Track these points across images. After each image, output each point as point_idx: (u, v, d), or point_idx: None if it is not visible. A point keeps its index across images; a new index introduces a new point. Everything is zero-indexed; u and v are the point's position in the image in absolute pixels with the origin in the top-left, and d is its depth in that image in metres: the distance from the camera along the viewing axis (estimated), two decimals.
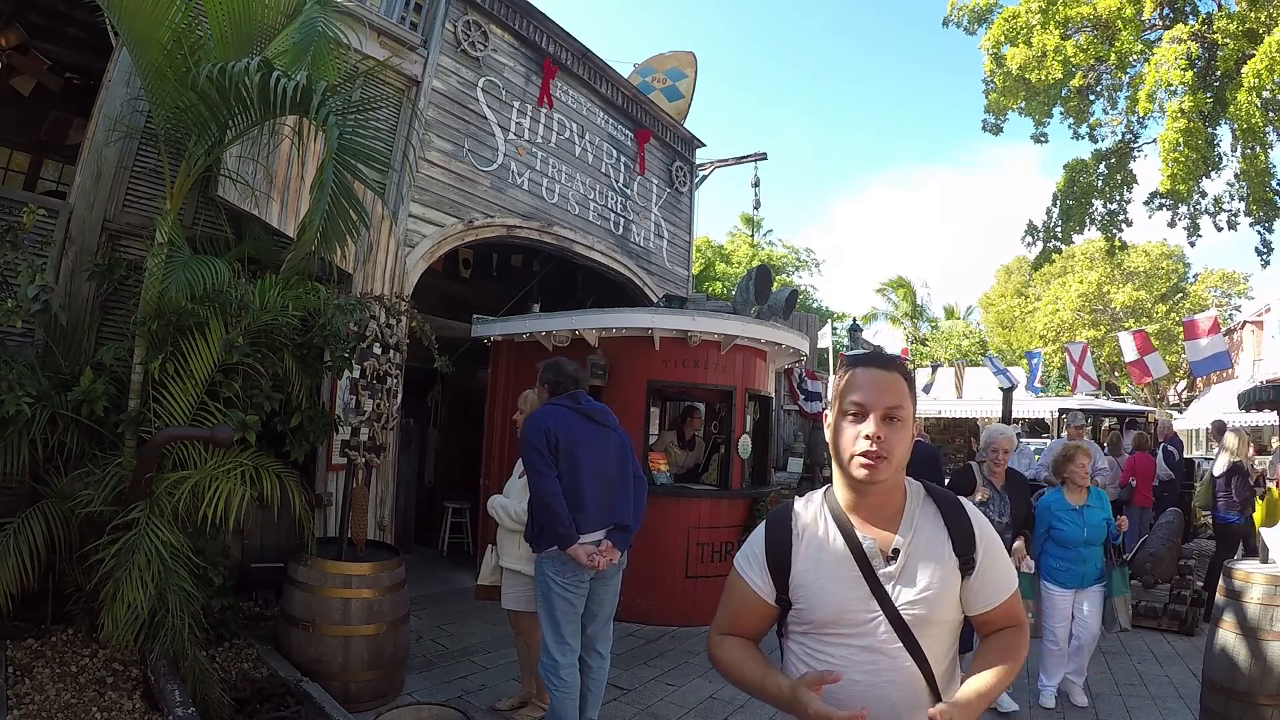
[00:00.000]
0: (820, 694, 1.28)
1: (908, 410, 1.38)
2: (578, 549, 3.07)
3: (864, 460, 1.35)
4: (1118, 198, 12.01)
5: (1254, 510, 6.11)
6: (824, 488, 1.52)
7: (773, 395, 7.02)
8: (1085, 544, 4.10)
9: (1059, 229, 12.33)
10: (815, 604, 1.42)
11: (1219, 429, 9.55)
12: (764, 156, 11.60)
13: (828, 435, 1.44)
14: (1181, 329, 15.42)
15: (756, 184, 12.41)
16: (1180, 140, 9.56)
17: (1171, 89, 9.68)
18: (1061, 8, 10.56)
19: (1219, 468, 6.53)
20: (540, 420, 3.20)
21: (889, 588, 1.38)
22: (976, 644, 1.51)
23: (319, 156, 4.16)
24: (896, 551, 1.39)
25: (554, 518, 3.06)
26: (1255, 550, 4.11)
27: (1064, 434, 6.83)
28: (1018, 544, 4.02)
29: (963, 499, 1.48)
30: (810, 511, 1.49)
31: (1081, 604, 4.20)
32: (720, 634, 1.56)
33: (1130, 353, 15.07)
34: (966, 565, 1.40)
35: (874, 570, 1.39)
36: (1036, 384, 17.53)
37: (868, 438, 1.34)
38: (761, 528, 1.53)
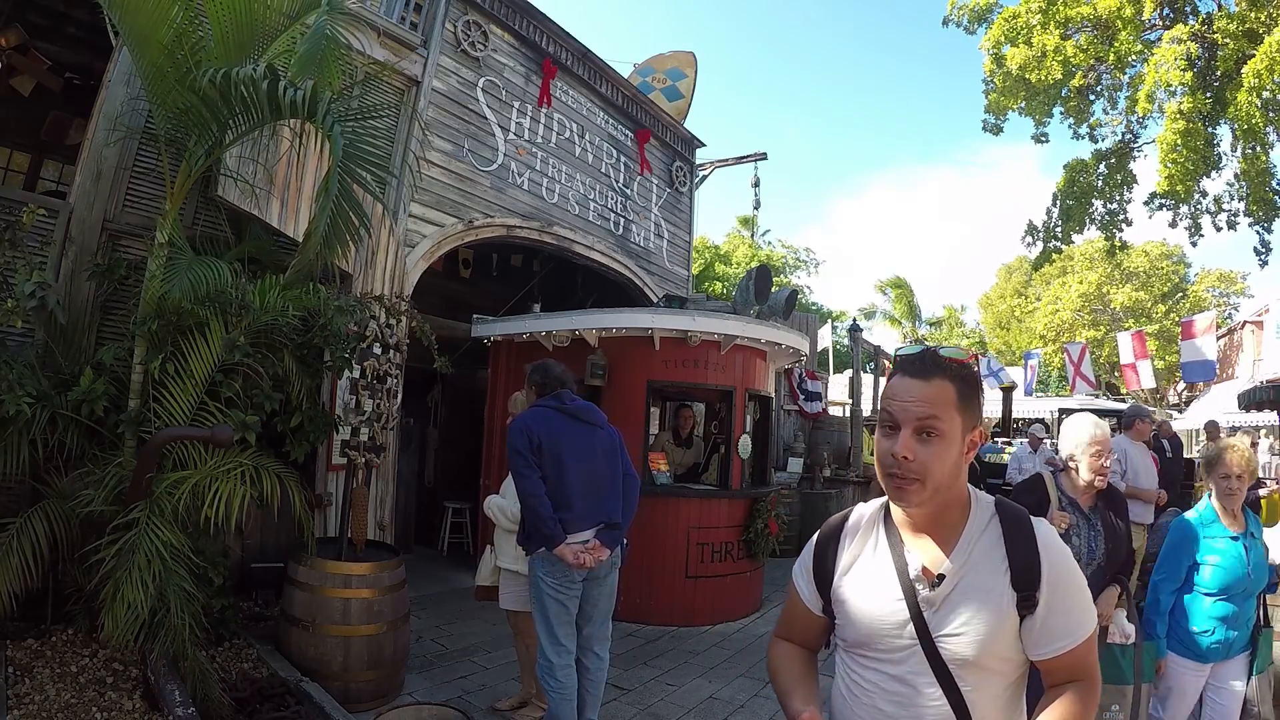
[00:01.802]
0: None
1: (950, 423, 1.19)
2: (564, 548, 3.06)
3: (891, 482, 1.22)
4: (1118, 198, 12.06)
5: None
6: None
7: (773, 395, 7.02)
8: (1245, 594, 2.76)
9: (1059, 229, 12.38)
10: (849, 621, 1.30)
11: (1213, 429, 9.57)
12: (764, 156, 11.62)
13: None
14: (1180, 329, 15.45)
15: (756, 184, 12.45)
16: (1179, 141, 9.60)
17: (1171, 89, 9.70)
18: (1061, 8, 10.58)
19: None
20: (522, 423, 3.20)
21: (928, 616, 1.22)
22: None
23: (320, 156, 4.16)
24: (943, 577, 1.22)
25: (537, 518, 3.06)
26: None
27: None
28: (1106, 594, 2.72)
29: (1038, 520, 1.27)
30: (865, 519, 1.35)
31: (1220, 685, 2.82)
32: (777, 637, 1.49)
33: (1127, 355, 15.10)
34: (1025, 603, 1.19)
35: (916, 594, 1.24)
36: (1032, 385, 17.52)
37: (894, 456, 1.20)
38: (816, 534, 1.42)
